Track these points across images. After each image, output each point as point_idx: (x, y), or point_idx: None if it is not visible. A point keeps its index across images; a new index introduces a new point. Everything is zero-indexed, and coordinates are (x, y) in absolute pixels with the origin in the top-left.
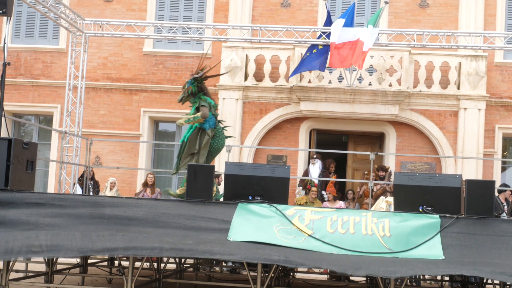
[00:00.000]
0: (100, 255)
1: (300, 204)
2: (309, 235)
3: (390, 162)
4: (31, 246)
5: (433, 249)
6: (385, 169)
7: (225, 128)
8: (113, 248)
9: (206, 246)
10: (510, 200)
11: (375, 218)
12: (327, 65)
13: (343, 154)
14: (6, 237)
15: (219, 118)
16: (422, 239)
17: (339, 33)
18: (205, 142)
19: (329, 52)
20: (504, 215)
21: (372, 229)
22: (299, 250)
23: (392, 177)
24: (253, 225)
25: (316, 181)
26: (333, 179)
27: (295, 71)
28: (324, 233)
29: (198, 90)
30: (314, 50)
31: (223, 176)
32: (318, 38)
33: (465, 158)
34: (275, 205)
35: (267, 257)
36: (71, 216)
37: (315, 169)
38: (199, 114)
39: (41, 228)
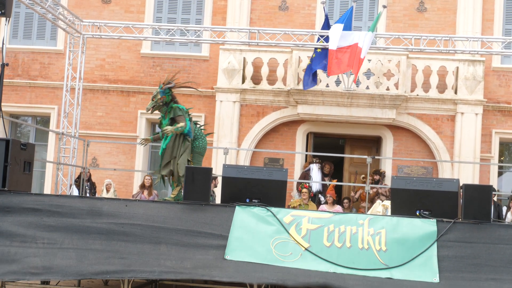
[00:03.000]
0: (98, 278)
1: (294, 207)
2: (305, 249)
3: (387, 166)
4: (30, 268)
5: (428, 265)
6: (378, 173)
7: (201, 128)
8: (112, 271)
9: (204, 270)
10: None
11: (372, 228)
12: (329, 76)
13: (340, 158)
14: (5, 255)
15: (218, 120)
16: (417, 251)
17: (338, 40)
18: (186, 146)
19: (328, 59)
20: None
21: (369, 242)
22: (296, 269)
23: (388, 180)
24: (250, 240)
25: (315, 185)
26: (332, 182)
27: (308, 76)
28: (320, 246)
29: (170, 99)
30: (319, 49)
31: (219, 179)
32: (317, 41)
33: (462, 163)
34: (273, 210)
35: (264, 280)
36: (69, 228)
37: (318, 172)
38: (182, 124)
39: (38, 242)
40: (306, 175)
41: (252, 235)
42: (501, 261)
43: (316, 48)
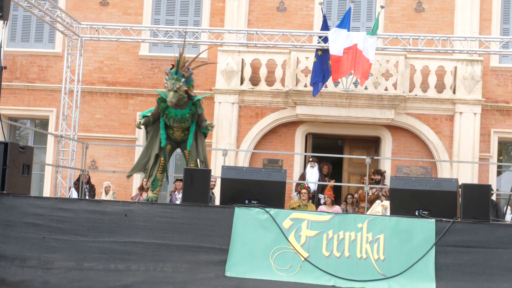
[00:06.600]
0: None
1: (293, 208)
2: (305, 259)
3: (386, 166)
4: None
5: (426, 274)
6: (380, 173)
7: None
8: None
9: None
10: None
11: (370, 233)
12: (330, 77)
13: (339, 158)
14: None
15: (216, 121)
16: (416, 257)
17: (342, 46)
18: (205, 145)
19: (330, 64)
20: None
21: (367, 250)
22: (296, 283)
23: (388, 180)
24: (249, 253)
25: (312, 185)
26: (330, 183)
27: (315, 83)
28: (319, 256)
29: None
30: (320, 52)
31: (218, 180)
32: (317, 43)
33: (461, 162)
34: (272, 212)
35: None
36: (71, 249)
37: (314, 172)
38: (209, 123)
39: (41, 268)
40: (304, 175)
41: (251, 246)
42: (497, 268)
43: (317, 50)
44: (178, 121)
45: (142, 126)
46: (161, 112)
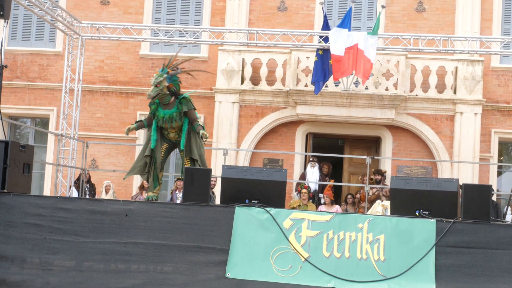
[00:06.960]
0: None
1: (293, 208)
2: (305, 259)
3: (387, 166)
4: None
5: (426, 275)
6: (380, 173)
7: None
8: None
9: None
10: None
11: (371, 234)
12: (330, 77)
13: (339, 158)
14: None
15: (217, 121)
16: (416, 258)
17: (343, 46)
18: (201, 143)
19: (331, 64)
20: None
21: (367, 251)
22: (297, 285)
23: (388, 180)
24: (250, 253)
25: (312, 185)
26: (329, 183)
27: (316, 82)
28: (320, 257)
29: (179, 88)
30: (321, 52)
31: (218, 180)
32: (318, 43)
33: (461, 163)
34: (272, 212)
35: None
36: (72, 250)
37: (314, 172)
38: (204, 132)
39: (42, 268)
40: (305, 175)
41: (252, 247)
42: (497, 269)
43: (318, 49)
44: (167, 121)
45: (135, 130)
46: (152, 115)
